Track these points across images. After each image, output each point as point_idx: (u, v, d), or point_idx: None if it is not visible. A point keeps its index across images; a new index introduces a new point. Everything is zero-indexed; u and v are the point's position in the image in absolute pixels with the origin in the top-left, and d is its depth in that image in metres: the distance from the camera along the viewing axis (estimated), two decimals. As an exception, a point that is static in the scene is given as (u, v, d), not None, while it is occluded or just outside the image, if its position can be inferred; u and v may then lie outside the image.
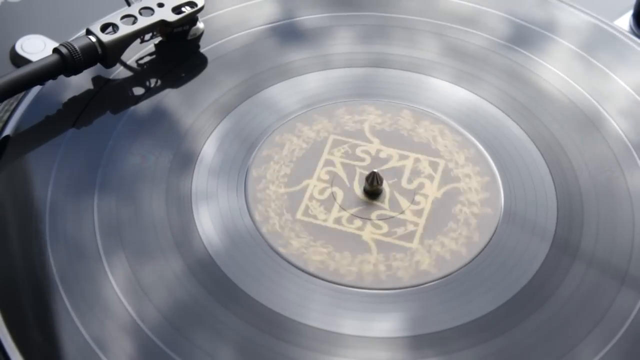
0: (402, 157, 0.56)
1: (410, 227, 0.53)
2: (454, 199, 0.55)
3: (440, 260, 0.52)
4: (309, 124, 0.58)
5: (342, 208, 0.54)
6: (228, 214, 0.54)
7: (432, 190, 0.55)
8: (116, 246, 0.52)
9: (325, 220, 0.54)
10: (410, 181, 0.55)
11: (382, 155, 0.57)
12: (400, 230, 0.53)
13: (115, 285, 0.50)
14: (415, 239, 0.53)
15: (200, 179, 0.55)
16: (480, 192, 0.55)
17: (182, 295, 0.50)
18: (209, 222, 0.53)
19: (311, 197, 0.55)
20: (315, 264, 0.52)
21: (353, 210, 0.54)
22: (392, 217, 0.54)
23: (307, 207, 0.54)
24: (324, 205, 0.54)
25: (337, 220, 0.54)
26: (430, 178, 0.55)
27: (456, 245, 0.52)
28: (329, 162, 0.56)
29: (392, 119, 0.58)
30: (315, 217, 0.54)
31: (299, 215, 0.54)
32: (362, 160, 0.56)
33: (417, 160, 0.56)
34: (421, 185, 0.55)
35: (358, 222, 0.54)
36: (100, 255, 0.51)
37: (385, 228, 0.53)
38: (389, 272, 0.51)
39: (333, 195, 0.55)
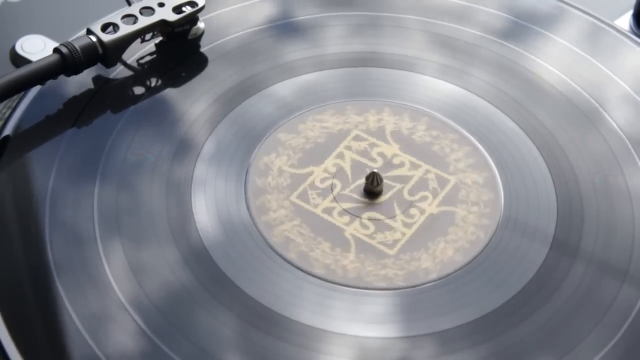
0: (414, 167, 0.56)
1: (397, 235, 0.53)
2: (450, 219, 0.54)
3: (411, 275, 0.51)
4: (336, 114, 0.58)
5: (336, 200, 0.54)
6: (225, 210, 0.54)
7: (431, 206, 0.55)
8: (115, 242, 0.52)
9: (316, 207, 0.54)
10: (413, 192, 0.55)
11: (396, 161, 0.57)
12: (384, 236, 0.53)
13: (114, 281, 0.50)
14: (396, 247, 0.53)
15: (200, 175, 0.55)
16: (480, 217, 0.54)
17: (176, 286, 0.50)
18: (206, 217, 0.53)
19: (312, 185, 0.55)
20: (293, 250, 0.52)
21: (346, 206, 0.54)
22: (380, 220, 0.54)
23: (304, 192, 0.54)
24: (321, 195, 0.54)
25: (327, 211, 0.54)
26: (435, 193, 0.55)
27: (432, 262, 0.52)
28: (340, 155, 0.56)
29: (421, 128, 0.58)
30: (308, 202, 0.54)
31: (293, 198, 0.54)
32: (375, 161, 0.56)
33: (427, 171, 0.56)
34: (423, 198, 0.55)
35: (346, 218, 0.54)
36: (99, 251, 0.51)
37: (372, 229, 0.53)
38: (356, 272, 0.51)
39: (332, 187, 0.55)
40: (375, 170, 0.54)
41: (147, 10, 0.60)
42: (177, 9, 0.60)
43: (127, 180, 0.55)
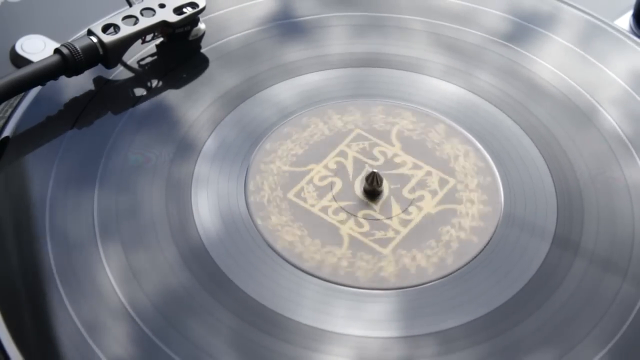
0: (416, 167, 0.56)
1: (391, 234, 0.53)
2: (446, 219, 0.54)
3: (404, 272, 0.51)
4: (341, 113, 0.58)
5: (334, 199, 0.54)
6: (225, 211, 0.54)
7: (429, 205, 0.55)
8: (115, 243, 0.52)
9: (312, 206, 0.54)
10: (412, 191, 0.55)
11: (397, 160, 0.57)
12: (379, 234, 0.53)
13: (114, 282, 0.50)
14: (389, 246, 0.53)
15: (200, 176, 0.55)
16: (477, 219, 0.54)
17: (176, 287, 0.50)
18: (205, 218, 0.53)
19: (309, 182, 0.55)
20: (284, 244, 0.52)
21: (343, 204, 0.54)
22: (378, 219, 0.54)
23: (301, 189, 0.54)
24: (318, 192, 0.54)
25: (324, 209, 0.54)
26: (434, 193, 0.55)
27: (426, 263, 0.52)
28: (342, 153, 0.56)
29: (424, 129, 0.58)
30: (305, 200, 0.54)
31: (290, 195, 0.54)
32: (376, 159, 0.56)
33: (428, 173, 0.56)
34: (421, 197, 0.55)
35: (343, 215, 0.54)
36: (98, 251, 0.51)
37: (366, 227, 0.53)
38: (349, 269, 0.51)
39: (331, 186, 0.55)
40: (375, 171, 0.54)
41: (148, 11, 0.60)
42: (178, 10, 0.60)
43: (127, 181, 0.55)
